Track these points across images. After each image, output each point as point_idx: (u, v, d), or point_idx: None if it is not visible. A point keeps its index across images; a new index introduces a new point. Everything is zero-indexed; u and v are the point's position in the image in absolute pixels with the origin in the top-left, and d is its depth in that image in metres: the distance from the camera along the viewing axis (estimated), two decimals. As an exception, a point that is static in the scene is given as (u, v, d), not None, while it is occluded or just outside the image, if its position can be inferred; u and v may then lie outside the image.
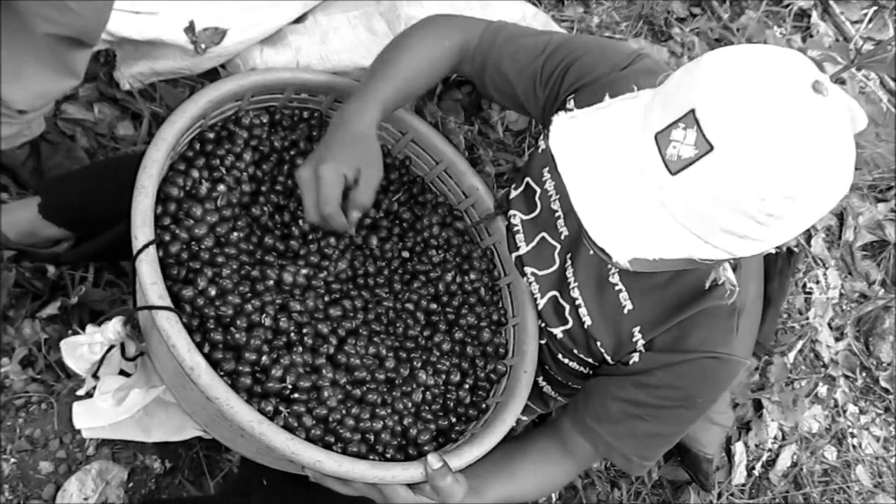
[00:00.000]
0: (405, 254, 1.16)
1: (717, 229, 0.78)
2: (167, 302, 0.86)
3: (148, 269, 0.87)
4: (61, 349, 1.00)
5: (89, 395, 1.15)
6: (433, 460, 0.93)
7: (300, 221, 1.07)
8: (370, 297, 1.08)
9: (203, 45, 1.53)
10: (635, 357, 1.05)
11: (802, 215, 0.78)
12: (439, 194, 1.26)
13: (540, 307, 1.14)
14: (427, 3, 1.60)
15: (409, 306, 1.11)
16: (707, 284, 0.95)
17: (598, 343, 1.07)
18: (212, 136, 1.06)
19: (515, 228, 1.18)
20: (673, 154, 0.76)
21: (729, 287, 0.89)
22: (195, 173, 1.01)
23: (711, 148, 0.74)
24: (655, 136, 0.78)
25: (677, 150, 0.76)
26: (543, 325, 1.15)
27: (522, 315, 1.16)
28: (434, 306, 1.14)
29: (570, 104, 1.08)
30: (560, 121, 0.86)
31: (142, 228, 0.88)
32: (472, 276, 1.18)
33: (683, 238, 0.80)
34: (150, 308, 0.85)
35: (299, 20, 1.64)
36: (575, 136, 0.84)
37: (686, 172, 0.76)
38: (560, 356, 1.14)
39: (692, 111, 0.76)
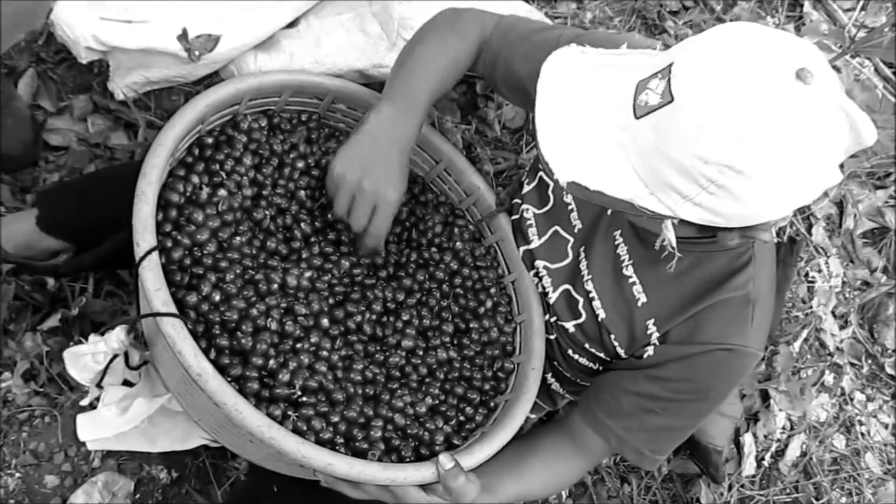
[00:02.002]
0: (408, 254, 1.15)
1: (663, 183, 0.80)
2: (172, 308, 0.85)
3: (151, 276, 0.86)
4: (64, 359, 0.99)
5: (93, 406, 1.14)
6: (445, 460, 0.92)
7: (302, 224, 1.07)
8: (374, 298, 1.07)
9: (197, 53, 1.52)
10: (649, 350, 1.04)
11: (759, 195, 0.78)
12: (440, 193, 1.26)
13: (552, 301, 1.13)
14: (418, 3, 1.60)
15: (415, 305, 1.10)
16: (657, 244, 0.94)
17: (612, 336, 1.07)
18: (210, 140, 1.05)
19: (528, 222, 1.17)
20: (642, 100, 0.80)
21: (669, 249, 0.89)
22: (195, 179, 1.01)
23: (672, 99, 0.77)
24: (638, 82, 0.81)
25: (646, 97, 0.79)
26: (555, 319, 1.14)
27: (528, 312, 1.15)
28: (442, 304, 1.13)
29: None
30: (569, 50, 0.89)
31: (143, 235, 0.87)
32: (477, 275, 1.17)
33: (631, 181, 0.82)
34: (155, 315, 0.84)
35: (292, 25, 1.62)
36: (572, 64, 0.87)
37: (646, 119, 0.79)
38: (570, 352, 1.13)
39: (670, 65, 0.78)
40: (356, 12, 1.65)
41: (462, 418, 1.05)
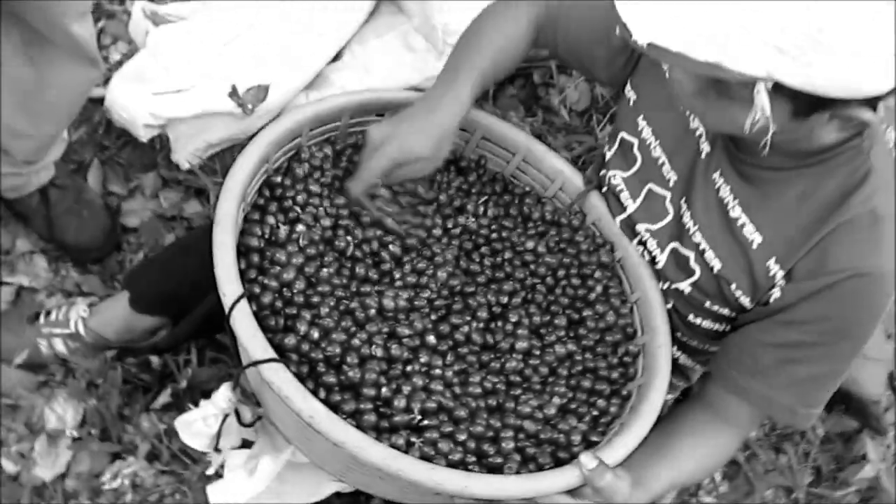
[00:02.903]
0: (503, 253, 1.09)
1: (749, 38, 0.71)
2: (271, 353, 0.81)
3: (244, 325, 0.82)
4: (177, 428, 0.96)
5: (219, 474, 1.12)
6: (587, 460, 0.85)
7: (390, 246, 1.02)
8: (478, 305, 1.01)
9: (250, 105, 1.52)
10: (776, 293, 0.94)
11: (851, 45, 0.70)
12: (524, 185, 1.19)
13: (661, 264, 1.06)
14: (457, 6, 1.55)
15: (521, 305, 1.04)
16: (747, 126, 0.80)
17: (733, 287, 0.98)
18: (278, 179, 1.02)
19: (618, 188, 1.10)
20: None
21: (761, 116, 0.76)
22: (270, 219, 0.97)
23: None
24: None
25: None
26: (668, 284, 1.05)
27: (642, 287, 1.07)
28: (549, 298, 1.06)
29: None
30: None
31: (228, 284, 0.84)
32: (580, 261, 1.10)
33: (719, 35, 0.72)
34: (255, 364, 0.80)
35: (337, 58, 1.63)
36: None
37: None
38: (691, 317, 1.04)
39: None
40: (398, 31, 1.63)
41: (595, 413, 0.98)
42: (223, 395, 0.91)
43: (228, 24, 1.59)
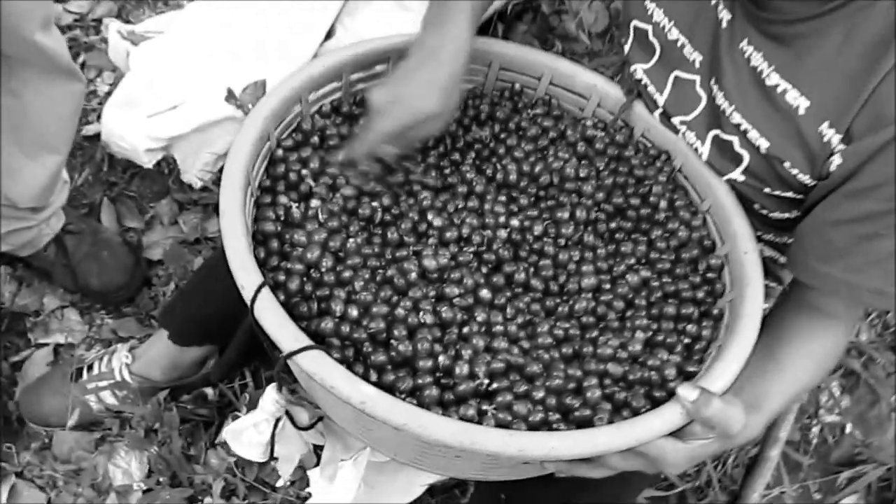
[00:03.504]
0: (550, 190, 1.02)
1: None
2: (304, 341, 0.74)
3: (270, 314, 0.76)
4: (226, 439, 0.91)
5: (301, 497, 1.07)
6: (686, 392, 0.77)
7: (424, 203, 0.97)
8: (531, 248, 0.94)
9: (250, 105, 1.47)
10: (835, 161, 0.84)
11: None
12: (556, 108, 1.12)
13: (705, 157, 0.98)
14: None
15: (578, 237, 0.97)
16: None
17: (787, 164, 0.89)
18: (281, 153, 0.96)
19: (643, 82, 1.04)
20: None
21: None
22: (283, 199, 0.92)
23: None
24: None
25: None
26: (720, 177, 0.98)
27: (712, 194, 0.98)
28: (610, 225, 1.00)
29: None
30: None
31: (243, 274, 0.78)
32: (635, 177, 1.02)
33: None
34: (290, 356, 0.74)
35: (329, 36, 1.57)
36: None
37: None
38: (757, 207, 0.97)
39: None
40: (388, -7, 1.56)
41: (687, 340, 0.89)
42: (269, 398, 0.86)
43: (209, 28, 1.57)
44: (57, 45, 1.18)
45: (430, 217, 0.95)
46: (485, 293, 0.88)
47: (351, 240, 0.89)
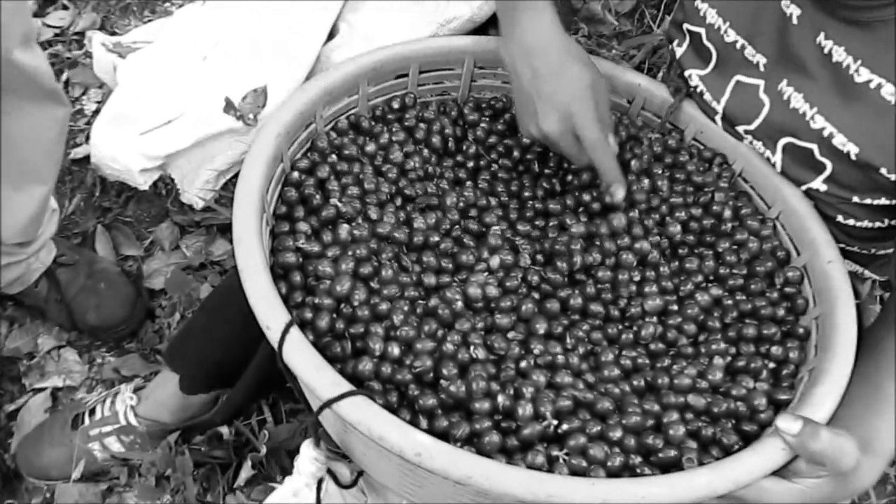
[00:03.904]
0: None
1: None
2: (345, 386, 0.68)
3: (302, 359, 0.69)
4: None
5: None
6: (787, 424, 0.70)
7: (471, 224, 0.92)
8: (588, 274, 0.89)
9: (251, 115, 1.43)
10: None
11: None
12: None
13: (778, 167, 0.94)
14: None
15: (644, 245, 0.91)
16: None
17: (883, 171, 0.83)
18: (296, 175, 0.90)
19: (699, 90, 1.00)
20: None
21: None
22: (302, 226, 0.86)
23: None
24: None
25: None
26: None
27: (781, 198, 0.93)
28: (674, 239, 0.94)
29: None
30: None
31: (269, 314, 0.71)
32: (694, 184, 0.97)
33: None
34: (329, 404, 0.67)
35: (332, 36, 1.55)
36: None
37: None
38: (840, 218, 0.91)
39: None
40: (393, -17, 1.52)
41: (772, 364, 0.83)
42: (307, 458, 0.78)
43: (201, 34, 1.53)
44: (39, 64, 1.13)
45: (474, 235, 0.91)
46: (541, 325, 0.83)
47: (385, 268, 0.82)
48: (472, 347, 0.77)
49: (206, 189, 1.47)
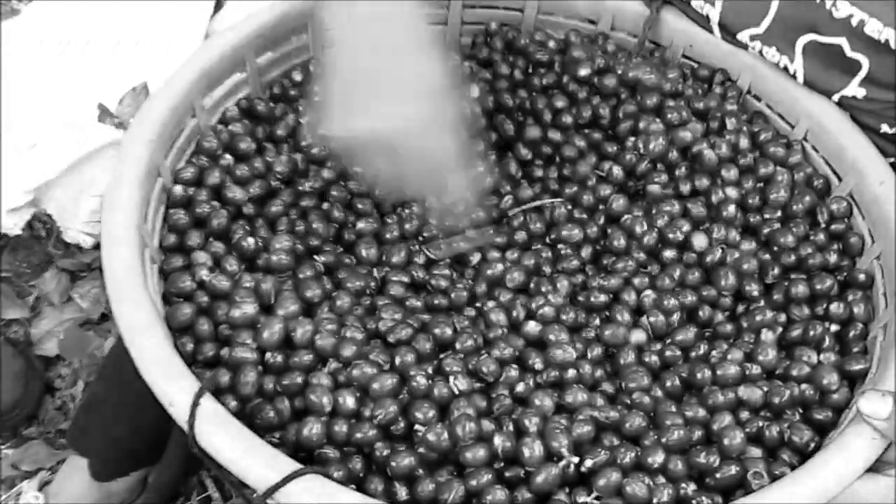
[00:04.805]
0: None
1: None
2: (287, 464, 0.59)
3: (223, 438, 0.60)
4: None
5: None
6: (873, 405, 0.64)
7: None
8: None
9: (132, 120, 1.33)
10: None
11: None
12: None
13: (800, 75, 0.91)
14: None
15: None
16: None
17: None
18: (181, 190, 0.81)
19: None
20: None
21: None
22: (201, 256, 0.77)
23: None
24: None
25: None
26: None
27: (805, 112, 0.90)
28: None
29: None
30: None
31: (169, 385, 0.62)
32: (695, 109, 0.91)
33: None
34: (274, 490, 0.58)
35: (217, 8, 1.53)
36: None
37: None
38: (885, 128, 0.89)
39: None
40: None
41: (835, 327, 0.79)
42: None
43: (60, 31, 1.50)
44: None
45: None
46: (532, 325, 0.76)
47: (325, 302, 0.76)
48: (451, 378, 0.69)
49: (92, 222, 1.42)
